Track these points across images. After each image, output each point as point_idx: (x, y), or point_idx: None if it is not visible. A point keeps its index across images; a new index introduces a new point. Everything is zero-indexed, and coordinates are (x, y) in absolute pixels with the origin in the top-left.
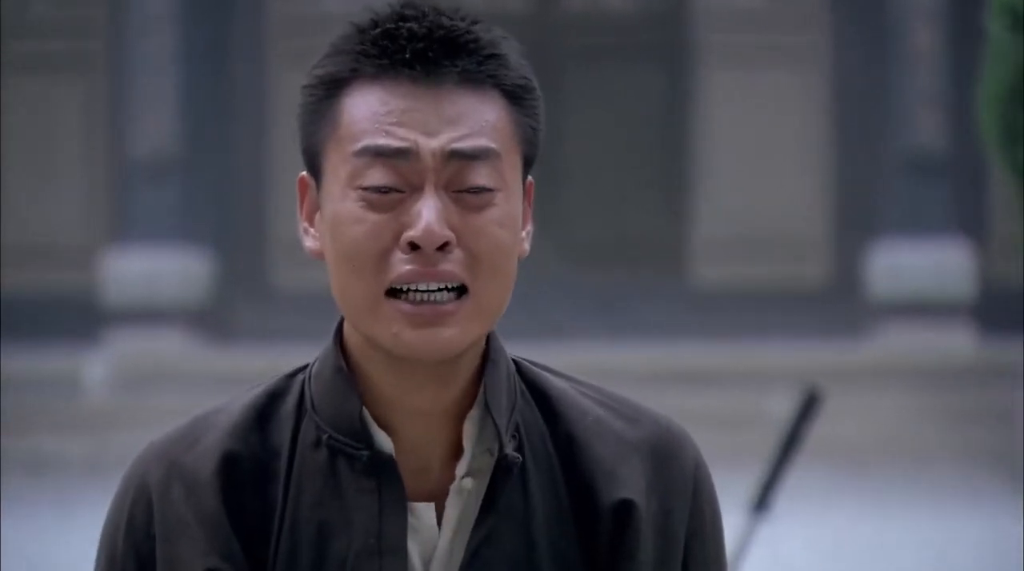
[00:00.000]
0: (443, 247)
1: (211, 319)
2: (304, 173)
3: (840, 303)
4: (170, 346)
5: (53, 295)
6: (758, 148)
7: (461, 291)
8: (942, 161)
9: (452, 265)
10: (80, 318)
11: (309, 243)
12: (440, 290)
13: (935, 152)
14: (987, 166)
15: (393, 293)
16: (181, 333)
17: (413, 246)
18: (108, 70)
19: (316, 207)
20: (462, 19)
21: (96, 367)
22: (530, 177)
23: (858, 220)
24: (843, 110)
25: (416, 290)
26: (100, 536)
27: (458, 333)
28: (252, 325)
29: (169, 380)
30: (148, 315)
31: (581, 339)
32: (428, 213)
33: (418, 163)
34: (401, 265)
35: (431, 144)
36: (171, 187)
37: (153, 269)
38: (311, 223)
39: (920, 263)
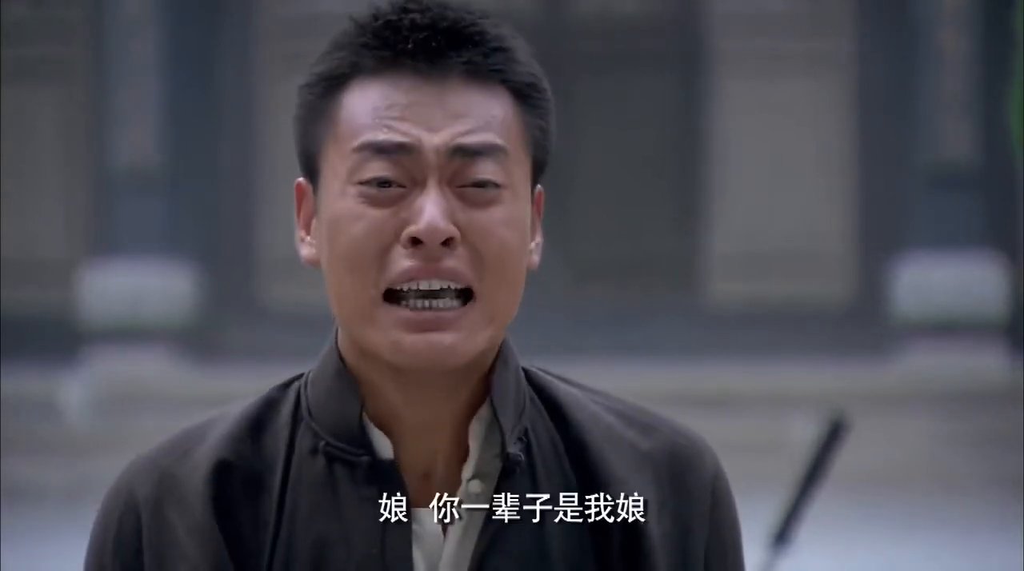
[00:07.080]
0: (447, 243)
1: (197, 338)
2: (300, 179)
3: (864, 322)
4: (154, 367)
5: (31, 312)
6: (777, 159)
7: (466, 297)
8: (971, 172)
9: (457, 263)
10: (59, 337)
11: (305, 251)
12: (444, 291)
13: (963, 163)
14: (1018, 177)
15: (392, 298)
16: (165, 353)
17: (415, 242)
18: (88, 76)
19: (313, 213)
20: (468, 12)
21: (75, 389)
22: (540, 186)
23: (883, 235)
24: (866, 119)
25: (417, 290)
26: (86, 555)
27: (462, 340)
28: (240, 345)
29: (152, 403)
30: (131, 334)
31: (590, 360)
32: (431, 207)
33: (420, 159)
34: (402, 261)
35: (434, 140)
36: (155, 199)
37: (136, 286)
38: (308, 230)
39: (948, 280)
